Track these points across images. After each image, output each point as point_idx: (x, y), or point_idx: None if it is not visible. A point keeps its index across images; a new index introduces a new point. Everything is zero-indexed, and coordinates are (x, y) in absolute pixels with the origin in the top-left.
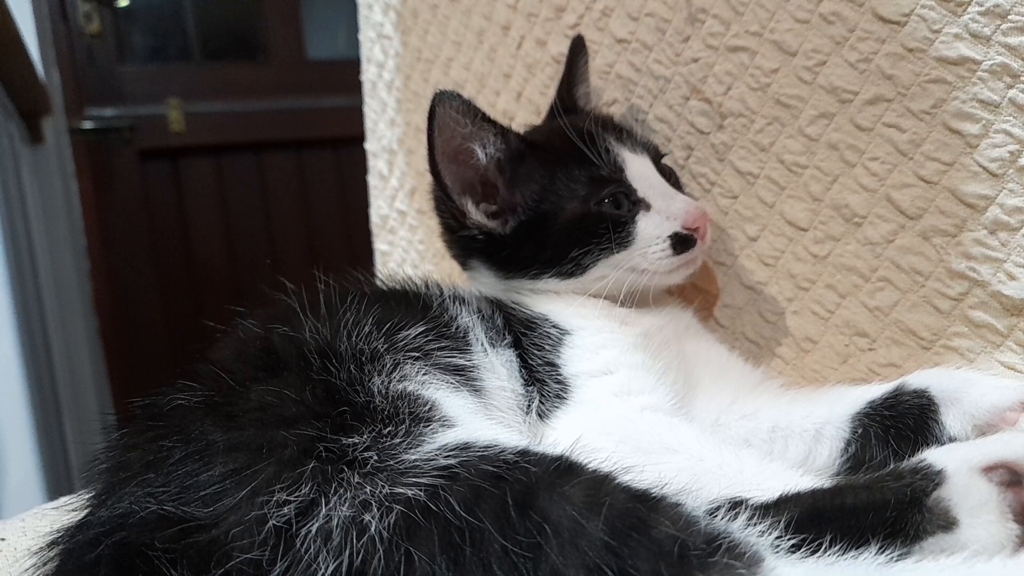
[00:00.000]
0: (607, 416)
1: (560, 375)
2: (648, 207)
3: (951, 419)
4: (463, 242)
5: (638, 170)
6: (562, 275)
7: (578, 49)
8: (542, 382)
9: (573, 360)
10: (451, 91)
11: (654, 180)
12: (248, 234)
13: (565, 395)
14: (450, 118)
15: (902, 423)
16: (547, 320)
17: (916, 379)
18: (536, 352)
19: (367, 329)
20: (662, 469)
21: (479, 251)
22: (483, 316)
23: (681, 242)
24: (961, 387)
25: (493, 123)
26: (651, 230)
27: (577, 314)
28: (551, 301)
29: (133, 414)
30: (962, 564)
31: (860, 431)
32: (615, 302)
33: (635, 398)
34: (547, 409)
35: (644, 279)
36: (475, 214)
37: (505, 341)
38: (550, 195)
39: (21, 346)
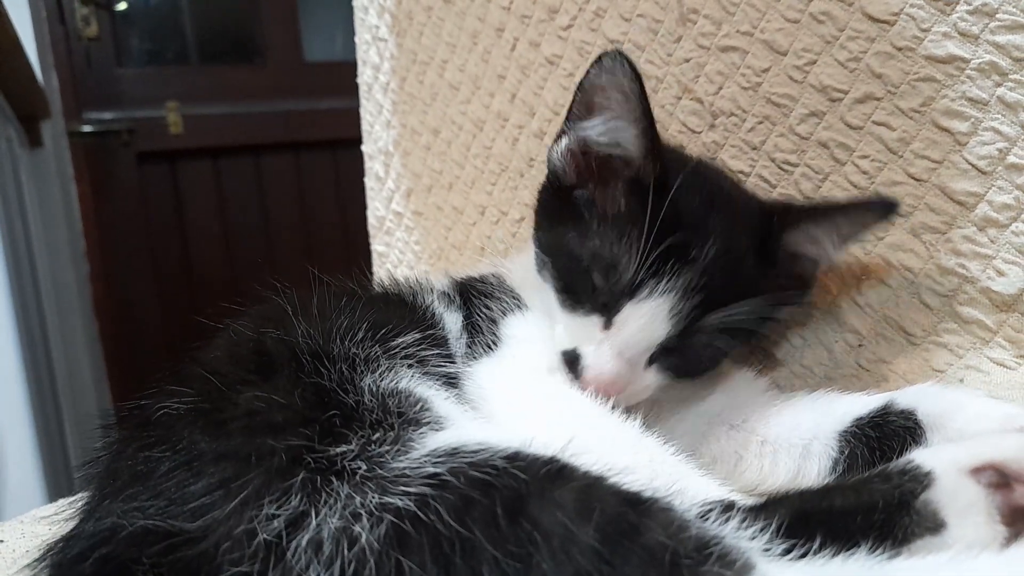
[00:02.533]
0: (521, 374)
1: (496, 332)
2: (607, 325)
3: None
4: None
5: (644, 310)
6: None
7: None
8: (480, 332)
9: (514, 325)
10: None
11: (635, 334)
12: (246, 236)
13: (494, 348)
14: (609, 75)
15: (887, 445)
16: (512, 292)
17: (904, 398)
18: (485, 312)
19: (360, 334)
20: (556, 437)
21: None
22: (456, 305)
23: (570, 363)
24: (947, 413)
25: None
26: (576, 329)
27: (543, 306)
28: (530, 286)
29: (123, 418)
30: (949, 562)
31: (847, 451)
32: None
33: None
34: (475, 355)
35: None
36: (556, 149)
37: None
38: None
39: (21, 349)
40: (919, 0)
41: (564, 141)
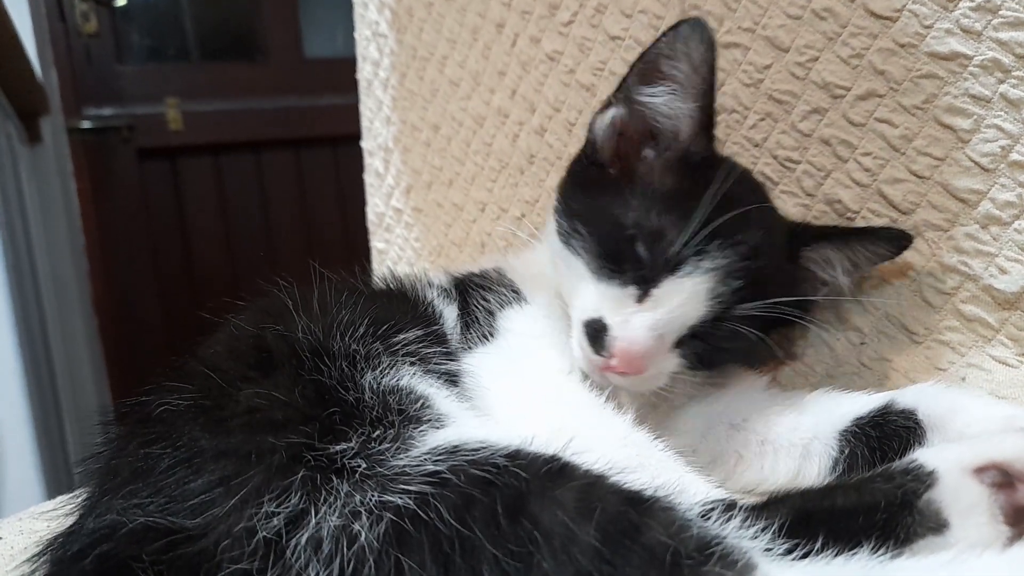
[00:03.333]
0: (517, 367)
1: (493, 323)
2: (641, 298)
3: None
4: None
5: (685, 288)
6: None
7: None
8: (477, 323)
9: (512, 318)
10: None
11: (674, 311)
12: (246, 233)
13: (489, 339)
14: (685, 44)
15: (888, 445)
16: (513, 286)
17: (904, 398)
18: (482, 303)
19: (361, 330)
20: (549, 430)
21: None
22: (454, 299)
23: (594, 336)
24: (947, 413)
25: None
26: (605, 298)
27: (546, 301)
28: (532, 281)
29: (124, 414)
30: (952, 562)
31: (847, 451)
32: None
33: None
34: (469, 345)
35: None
36: (601, 119)
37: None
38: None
39: (20, 346)
40: None
41: (611, 112)
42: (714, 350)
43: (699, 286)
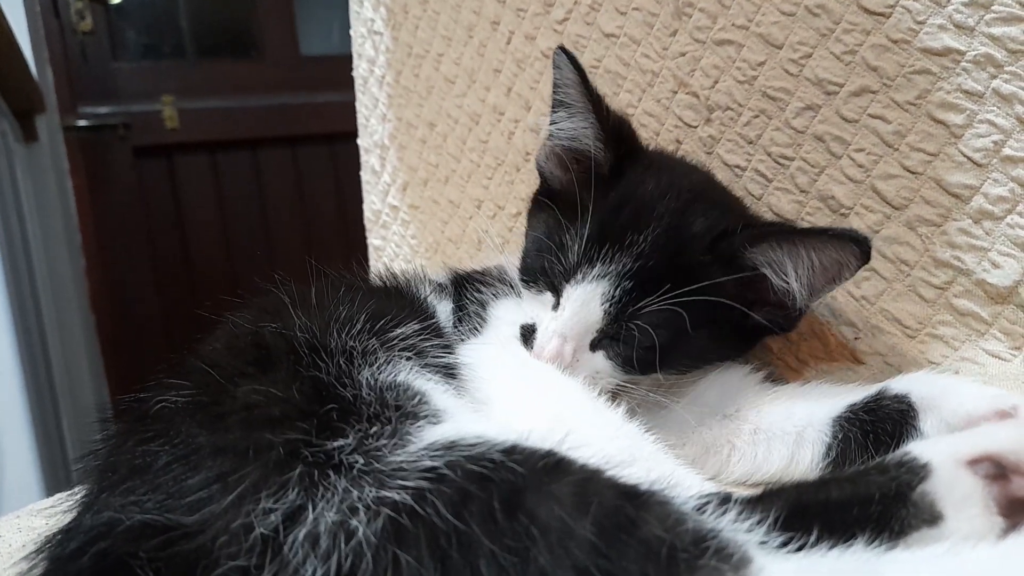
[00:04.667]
0: (507, 356)
1: (484, 314)
2: (556, 305)
3: (929, 426)
4: None
5: (579, 295)
6: None
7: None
8: (469, 316)
9: (503, 307)
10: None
11: (572, 316)
12: (243, 230)
13: (482, 328)
14: (559, 71)
15: (881, 428)
16: (510, 282)
17: (898, 384)
18: (476, 296)
19: (359, 326)
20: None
21: None
22: (449, 295)
23: (525, 338)
24: (940, 394)
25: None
26: (532, 306)
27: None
28: None
29: (122, 411)
30: (946, 553)
31: (841, 435)
32: None
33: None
34: (463, 337)
35: None
36: (540, 154)
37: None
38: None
39: (18, 344)
40: None
41: (548, 144)
42: (632, 351)
43: (592, 292)
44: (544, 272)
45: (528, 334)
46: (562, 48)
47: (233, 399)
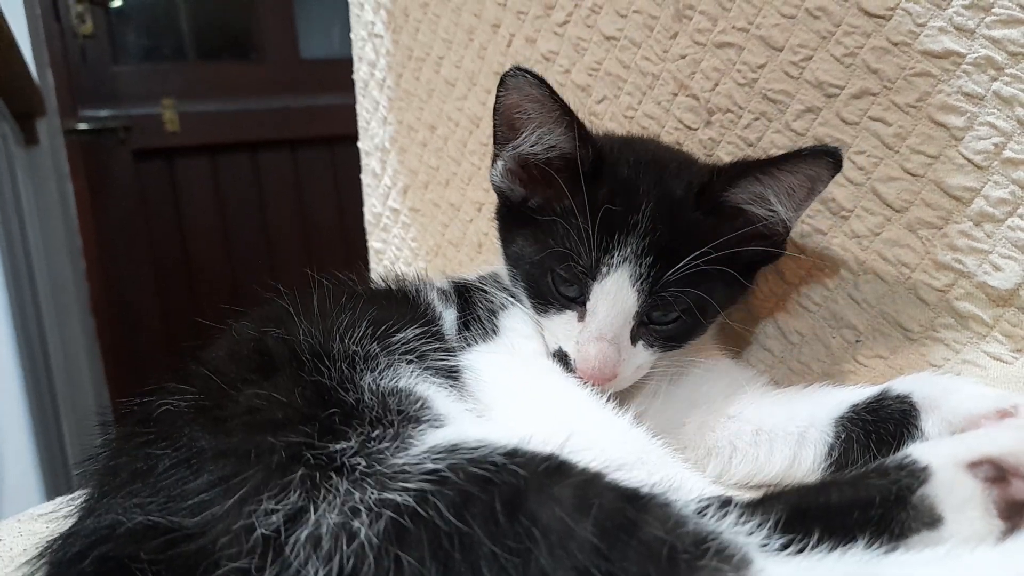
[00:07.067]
0: (518, 365)
1: (495, 322)
2: (582, 316)
3: (930, 426)
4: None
5: (609, 287)
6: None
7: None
8: (479, 322)
9: (513, 317)
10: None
11: (609, 312)
12: (244, 233)
13: (491, 335)
14: (517, 91)
15: (883, 428)
16: (510, 290)
17: (900, 384)
18: (485, 303)
19: (361, 331)
20: (549, 428)
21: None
22: (453, 302)
23: (562, 361)
24: (942, 394)
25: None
26: (556, 329)
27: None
28: None
29: (124, 415)
30: (946, 555)
31: (843, 436)
32: None
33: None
34: (469, 343)
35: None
36: (493, 172)
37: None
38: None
39: (18, 347)
40: None
41: (500, 164)
42: (672, 324)
43: (621, 278)
44: (557, 288)
45: (563, 359)
46: (517, 68)
47: (235, 403)
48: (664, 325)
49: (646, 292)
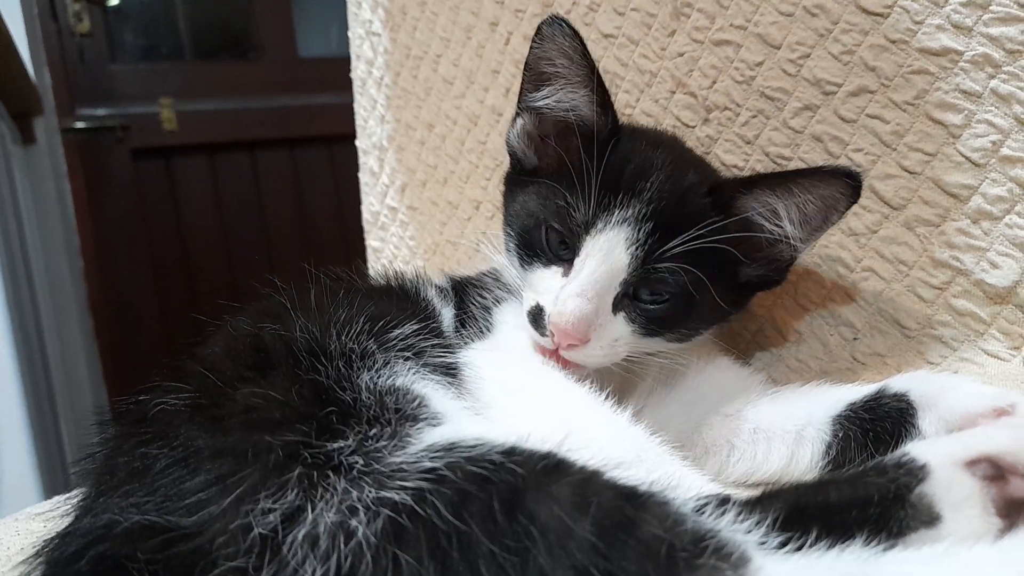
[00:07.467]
0: (513, 360)
1: (490, 318)
2: (567, 272)
3: (927, 424)
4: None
5: (602, 243)
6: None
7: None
8: (474, 319)
9: (508, 312)
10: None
11: (596, 269)
12: (242, 232)
13: (487, 332)
14: (551, 40)
15: (880, 426)
16: (508, 286)
17: (897, 382)
18: (480, 300)
19: (358, 327)
20: (545, 424)
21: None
22: (451, 300)
23: (535, 320)
24: (939, 392)
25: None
26: (538, 283)
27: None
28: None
29: (121, 414)
30: (944, 554)
31: (840, 434)
32: None
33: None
34: (467, 340)
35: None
36: (512, 132)
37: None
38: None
39: (16, 346)
40: None
41: (519, 122)
42: (658, 306)
43: (615, 237)
44: (548, 240)
45: (538, 315)
46: (557, 17)
47: (232, 402)
48: (649, 304)
49: (639, 260)
